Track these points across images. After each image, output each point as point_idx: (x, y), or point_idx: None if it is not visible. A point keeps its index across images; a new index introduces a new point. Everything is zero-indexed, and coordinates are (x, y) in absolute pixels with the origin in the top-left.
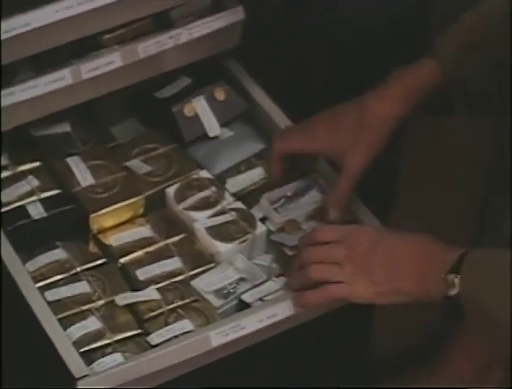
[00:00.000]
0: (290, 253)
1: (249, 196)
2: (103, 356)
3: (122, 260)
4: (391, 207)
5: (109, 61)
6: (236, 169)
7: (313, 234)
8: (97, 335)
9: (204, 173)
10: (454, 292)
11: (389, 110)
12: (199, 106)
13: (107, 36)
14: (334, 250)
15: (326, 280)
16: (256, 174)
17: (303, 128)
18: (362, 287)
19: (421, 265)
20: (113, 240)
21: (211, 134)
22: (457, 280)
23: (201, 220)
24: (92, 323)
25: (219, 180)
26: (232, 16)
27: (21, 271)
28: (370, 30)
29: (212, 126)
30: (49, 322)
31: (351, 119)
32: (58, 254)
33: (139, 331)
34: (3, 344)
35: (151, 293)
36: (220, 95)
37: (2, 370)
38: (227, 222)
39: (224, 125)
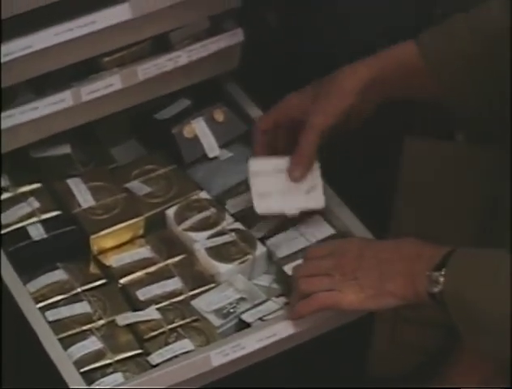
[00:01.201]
0: (290, 273)
1: (248, 217)
2: (103, 376)
3: (123, 281)
4: (389, 227)
5: (109, 83)
6: (235, 190)
7: (306, 253)
8: (98, 355)
9: (204, 194)
10: (437, 289)
11: (354, 83)
12: (199, 128)
13: (107, 59)
14: (323, 262)
15: (317, 291)
16: None
17: (280, 101)
18: (351, 292)
19: (407, 265)
20: (114, 261)
21: (211, 155)
22: (441, 278)
23: (201, 241)
24: (93, 343)
25: (219, 201)
26: (231, 38)
27: (22, 292)
28: (370, 50)
29: (211, 147)
30: (49, 342)
31: (322, 87)
32: (59, 274)
33: (140, 350)
34: (5, 364)
35: (151, 313)
36: (219, 116)
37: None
38: (227, 243)
39: (223, 146)
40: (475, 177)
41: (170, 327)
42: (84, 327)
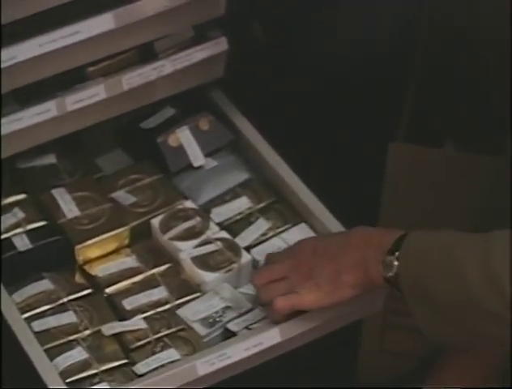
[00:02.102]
0: None
1: (234, 225)
2: (90, 386)
3: (108, 290)
4: None
5: (94, 93)
6: (220, 199)
7: (264, 259)
8: (84, 365)
9: (189, 204)
10: (391, 273)
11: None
12: (183, 136)
13: (91, 69)
14: (279, 265)
15: (276, 296)
16: (241, 204)
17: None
18: (309, 292)
19: (358, 253)
20: (99, 270)
21: (196, 164)
22: (395, 262)
23: (186, 250)
24: (79, 353)
25: (204, 210)
26: (216, 47)
27: (8, 302)
28: (358, 57)
29: (197, 155)
30: (35, 352)
31: None
32: (45, 284)
33: (126, 360)
34: (6, 366)
35: (137, 323)
36: (204, 125)
37: None
38: (212, 252)
39: (208, 155)
40: (461, 181)
41: (156, 336)
42: (70, 337)
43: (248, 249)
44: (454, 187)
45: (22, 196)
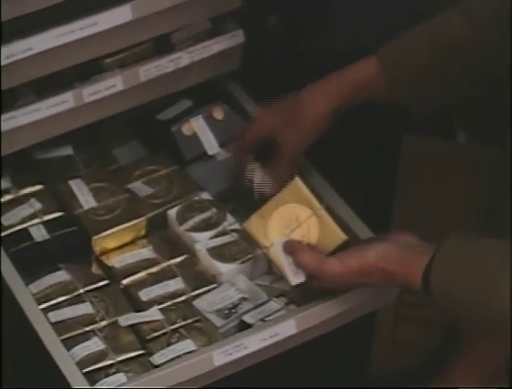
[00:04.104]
0: None
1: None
2: (106, 377)
3: (125, 281)
4: (389, 225)
5: (111, 84)
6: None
7: None
8: (100, 356)
9: (205, 195)
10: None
11: (316, 114)
12: (198, 125)
13: (108, 60)
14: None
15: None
16: None
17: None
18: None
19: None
20: (116, 261)
21: (210, 153)
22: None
23: (202, 241)
24: (95, 344)
25: (218, 200)
26: (232, 39)
27: (24, 293)
28: (370, 51)
29: (211, 144)
30: (52, 342)
31: (289, 108)
32: (61, 275)
33: (142, 351)
34: (6, 366)
35: (153, 314)
36: (219, 114)
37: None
38: (228, 243)
39: (222, 144)
40: (475, 176)
41: (172, 327)
42: (87, 328)
43: None
44: (467, 178)
45: (39, 187)
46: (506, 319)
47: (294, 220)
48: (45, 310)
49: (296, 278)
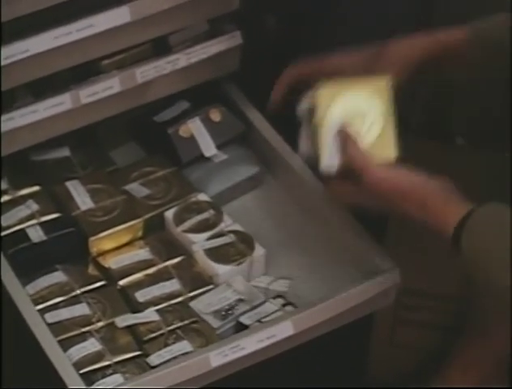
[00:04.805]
0: None
1: None
2: (103, 378)
3: (122, 282)
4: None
5: (108, 86)
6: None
7: None
8: (97, 357)
9: (202, 196)
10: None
11: (407, 53)
12: (195, 127)
13: (106, 62)
14: None
15: None
16: None
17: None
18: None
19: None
20: (113, 262)
21: (207, 155)
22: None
23: (199, 243)
24: (92, 345)
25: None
26: (231, 41)
27: (21, 294)
28: None
29: (208, 146)
30: (49, 343)
31: (370, 55)
32: (58, 276)
33: (139, 352)
34: (6, 366)
35: (150, 315)
36: (216, 116)
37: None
38: (225, 244)
39: (219, 146)
40: (474, 178)
41: (169, 328)
42: (84, 329)
43: None
44: (465, 180)
45: (36, 188)
46: None
47: (361, 113)
48: (42, 311)
49: (329, 163)
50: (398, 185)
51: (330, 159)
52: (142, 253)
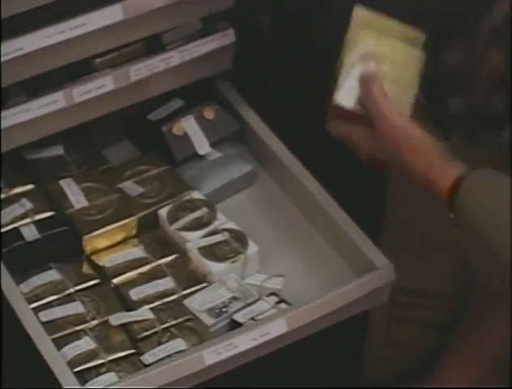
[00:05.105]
0: None
1: None
2: (97, 376)
3: (115, 281)
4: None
5: (101, 84)
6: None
7: None
8: (91, 355)
9: (196, 194)
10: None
11: None
12: (188, 125)
13: (99, 60)
14: None
15: None
16: None
17: None
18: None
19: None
20: (107, 261)
21: (201, 153)
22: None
23: (193, 241)
24: (86, 343)
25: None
26: (224, 39)
27: (15, 293)
28: None
29: (202, 144)
30: (43, 342)
31: None
32: (52, 275)
33: (133, 350)
34: (6, 366)
35: (144, 313)
36: (210, 114)
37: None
38: (219, 242)
39: (214, 144)
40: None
41: (163, 326)
42: (77, 328)
43: None
44: None
45: (30, 187)
46: None
47: (391, 62)
48: (36, 310)
49: (345, 97)
50: (410, 135)
51: (347, 93)
52: (136, 251)
